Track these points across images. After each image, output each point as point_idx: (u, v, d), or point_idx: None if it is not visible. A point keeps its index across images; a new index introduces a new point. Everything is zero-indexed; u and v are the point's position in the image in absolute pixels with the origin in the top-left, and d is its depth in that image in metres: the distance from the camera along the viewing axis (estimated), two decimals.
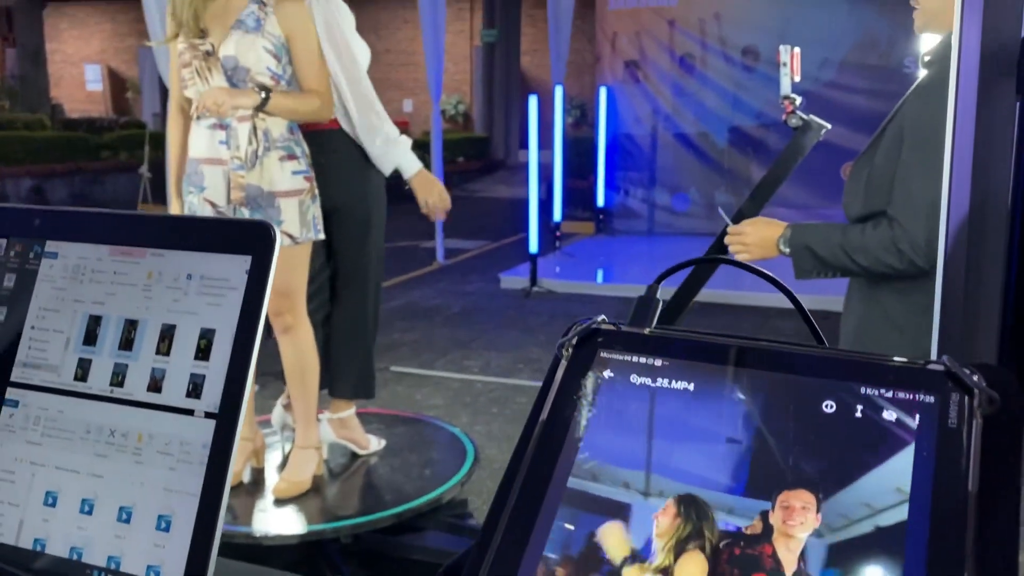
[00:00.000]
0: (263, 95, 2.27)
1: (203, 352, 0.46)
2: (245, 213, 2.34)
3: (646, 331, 0.47)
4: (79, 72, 19.11)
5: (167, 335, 0.48)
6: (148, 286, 0.49)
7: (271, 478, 2.62)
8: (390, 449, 2.92)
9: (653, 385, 0.45)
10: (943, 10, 1.63)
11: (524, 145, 5.98)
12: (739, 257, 1.76)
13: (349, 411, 2.78)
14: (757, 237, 1.73)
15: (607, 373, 0.46)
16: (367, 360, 2.78)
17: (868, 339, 1.69)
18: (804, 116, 1.89)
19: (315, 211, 2.42)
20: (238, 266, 0.46)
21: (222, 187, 2.32)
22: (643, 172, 7.65)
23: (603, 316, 0.48)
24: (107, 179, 10.78)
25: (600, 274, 6.77)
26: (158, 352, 0.48)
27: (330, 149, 2.52)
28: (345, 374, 2.73)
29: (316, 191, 2.43)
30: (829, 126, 1.93)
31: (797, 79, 1.87)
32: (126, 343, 0.49)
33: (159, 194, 4.21)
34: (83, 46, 19.24)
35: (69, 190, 10.39)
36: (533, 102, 5.96)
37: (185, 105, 2.42)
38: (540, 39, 14.22)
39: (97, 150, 11.09)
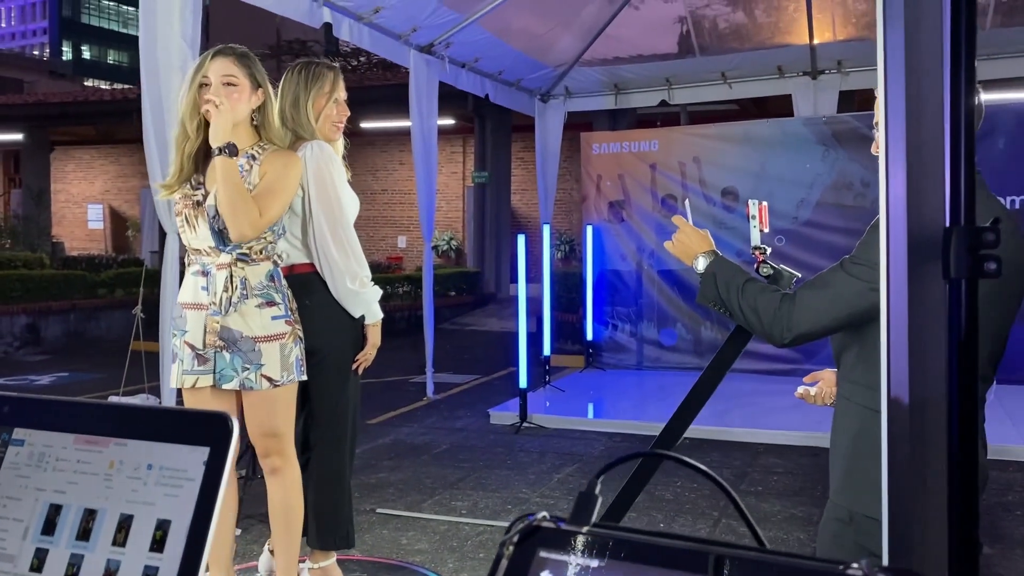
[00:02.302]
0: (229, 147, 2.28)
1: (158, 543, 0.47)
2: (226, 356, 2.36)
3: (584, 530, 0.48)
4: (82, 211, 19.62)
5: (124, 525, 0.48)
6: (109, 475, 0.50)
7: None
8: None
9: None
10: None
11: (515, 279, 6.10)
12: (665, 244, 1.91)
13: (329, 560, 2.70)
14: (688, 242, 1.86)
15: (544, 574, 0.46)
16: (346, 510, 2.71)
17: (863, 462, 1.67)
18: (775, 266, 1.97)
19: (298, 353, 2.45)
20: (196, 457, 0.47)
21: (200, 331, 2.36)
22: (630, 307, 7.76)
23: (544, 513, 0.48)
24: (102, 316, 10.85)
25: (591, 409, 6.72)
26: (114, 543, 0.48)
27: (312, 291, 2.57)
28: (323, 525, 2.66)
29: (300, 333, 2.46)
30: (799, 275, 2.01)
31: (766, 230, 1.98)
32: (84, 533, 0.49)
33: (152, 332, 4.27)
34: (87, 187, 19.83)
35: (64, 327, 10.42)
36: (521, 241, 6.11)
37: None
38: (529, 179, 14.75)
39: (94, 287, 11.20)
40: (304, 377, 2.48)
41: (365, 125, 15.59)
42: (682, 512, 4.17)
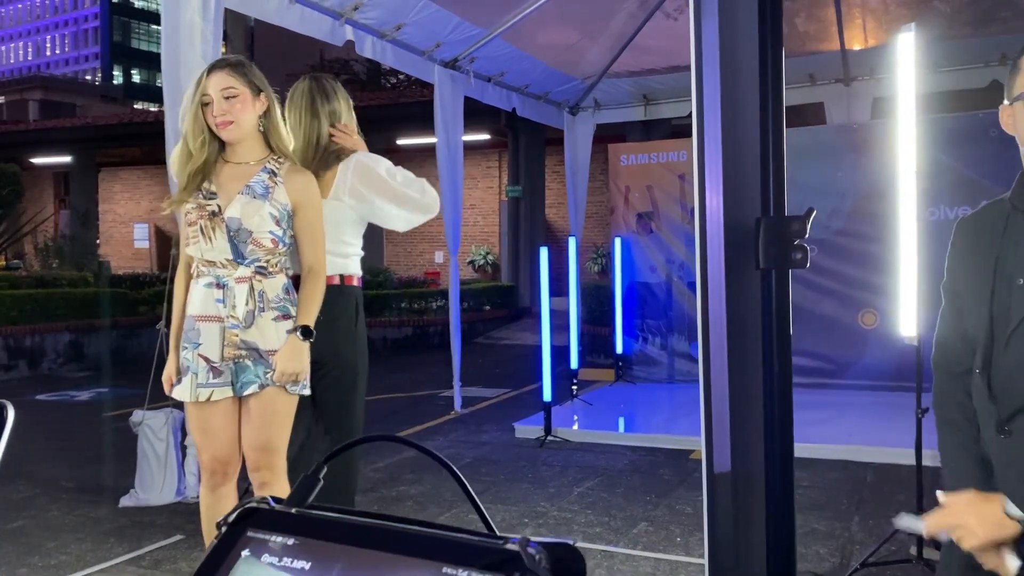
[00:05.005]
0: (302, 336, 2.41)
1: None
2: (247, 364, 2.38)
3: (293, 510, 0.49)
4: (128, 231, 20.16)
5: None
6: None
7: None
8: None
9: (277, 563, 0.47)
10: None
11: (552, 292, 6.13)
12: (966, 542, 1.31)
13: None
14: (977, 517, 1.31)
15: (244, 552, 0.48)
16: None
17: None
18: None
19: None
20: None
21: (217, 343, 2.37)
22: (660, 320, 7.67)
23: (267, 496, 0.50)
24: (142, 333, 11.10)
25: (621, 423, 6.66)
26: None
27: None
28: None
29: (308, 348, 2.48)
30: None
31: None
32: None
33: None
34: (133, 207, 20.38)
35: (106, 344, 10.69)
36: (544, 253, 6.10)
37: (190, 263, 2.50)
38: (564, 192, 14.75)
39: (135, 305, 11.48)
40: (307, 392, 2.49)
41: (401, 142, 15.76)
42: (701, 527, 4.09)
